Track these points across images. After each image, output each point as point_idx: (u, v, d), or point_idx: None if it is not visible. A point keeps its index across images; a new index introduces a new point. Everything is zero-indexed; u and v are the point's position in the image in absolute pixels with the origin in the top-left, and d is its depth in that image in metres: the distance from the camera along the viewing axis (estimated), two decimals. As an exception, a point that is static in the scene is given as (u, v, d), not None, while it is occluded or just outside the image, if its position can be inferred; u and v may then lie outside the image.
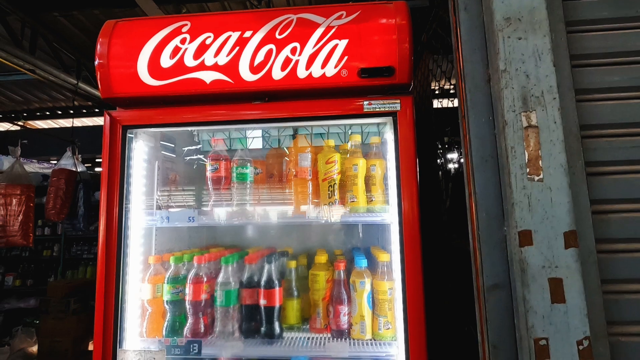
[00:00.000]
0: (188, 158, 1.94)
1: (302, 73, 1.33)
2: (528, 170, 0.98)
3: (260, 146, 1.92)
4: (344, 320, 1.45)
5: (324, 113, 1.35)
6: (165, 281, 1.45)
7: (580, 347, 0.91)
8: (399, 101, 1.33)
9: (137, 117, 1.41)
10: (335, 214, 1.42)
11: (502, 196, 1.03)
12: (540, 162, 0.98)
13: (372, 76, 1.30)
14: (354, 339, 1.42)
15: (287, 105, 1.37)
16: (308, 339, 1.44)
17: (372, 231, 2.06)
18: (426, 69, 2.01)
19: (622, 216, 1.03)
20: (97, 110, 6.47)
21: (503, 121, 1.01)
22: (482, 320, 1.01)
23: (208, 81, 1.35)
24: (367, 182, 1.54)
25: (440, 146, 2.17)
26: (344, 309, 1.46)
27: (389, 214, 1.40)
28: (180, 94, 1.37)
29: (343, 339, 1.41)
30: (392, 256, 1.42)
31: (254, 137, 1.91)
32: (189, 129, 1.51)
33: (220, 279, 1.45)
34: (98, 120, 6.97)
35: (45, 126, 6.91)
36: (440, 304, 1.67)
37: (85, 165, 5.25)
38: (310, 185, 1.52)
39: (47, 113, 6.37)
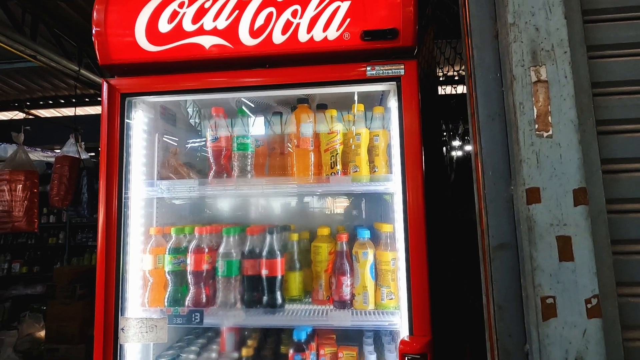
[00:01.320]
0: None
1: (303, 37, 1.29)
2: (537, 126, 0.95)
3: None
4: (346, 291, 1.44)
5: (325, 79, 1.32)
6: (167, 252, 1.44)
7: (589, 306, 0.89)
8: (402, 65, 1.29)
9: (135, 84, 1.39)
10: (337, 183, 1.40)
11: (510, 154, 1.00)
12: (549, 118, 0.95)
13: (375, 39, 1.26)
14: (356, 310, 1.41)
15: (288, 71, 1.34)
16: (310, 309, 1.43)
17: (374, 209, 2.04)
18: (431, 42, 1.96)
19: (633, 175, 0.99)
20: (99, 99, 6.45)
21: (511, 76, 0.97)
22: (487, 281, 0.99)
23: (207, 46, 1.32)
24: (370, 152, 1.51)
25: (444, 124, 2.13)
26: (347, 280, 1.44)
27: (392, 183, 1.37)
28: (179, 60, 1.34)
29: (346, 309, 1.40)
30: (396, 225, 1.40)
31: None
32: (189, 97, 1.49)
33: (221, 249, 1.44)
34: (101, 109, 6.96)
35: (49, 115, 6.92)
36: (444, 278, 1.65)
37: (89, 154, 5.27)
38: (313, 156, 1.49)
39: (50, 102, 6.37)
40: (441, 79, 2.18)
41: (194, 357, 1.53)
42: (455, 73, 2.04)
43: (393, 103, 1.39)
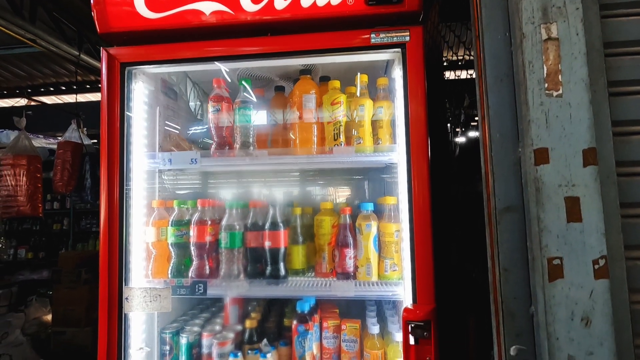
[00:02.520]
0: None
1: (305, 2, 1.26)
2: (546, 85, 0.92)
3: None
4: (349, 263, 1.44)
5: (329, 46, 1.29)
6: (170, 224, 1.44)
7: (596, 267, 0.88)
8: (408, 32, 1.26)
9: (135, 54, 1.36)
10: (340, 154, 1.38)
11: (518, 116, 0.97)
12: (559, 76, 0.92)
13: (380, 3, 1.23)
14: (359, 281, 1.41)
15: (290, 38, 1.31)
16: (314, 281, 1.43)
17: (377, 189, 2.02)
18: (435, 15, 1.91)
19: (645, 138, 0.97)
20: (100, 85, 6.41)
21: (521, 34, 0.94)
22: (492, 245, 0.98)
23: (207, 12, 1.29)
24: (374, 125, 1.49)
25: (448, 102, 2.10)
26: (350, 253, 1.44)
27: (396, 154, 1.35)
28: (178, 27, 1.31)
29: (349, 280, 1.40)
30: (400, 197, 1.39)
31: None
32: (188, 68, 1.46)
33: (224, 221, 1.44)
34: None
35: (50, 102, 6.90)
36: (448, 252, 1.65)
37: (92, 141, 5.26)
38: (315, 129, 1.47)
39: (51, 89, 6.34)
40: (446, 56, 2.14)
41: (198, 329, 1.54)
42: (461, 54, 1.99)
43: (397, 72, 1.36)
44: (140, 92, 1.48)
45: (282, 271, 1.41)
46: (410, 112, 1.27)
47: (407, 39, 1.26)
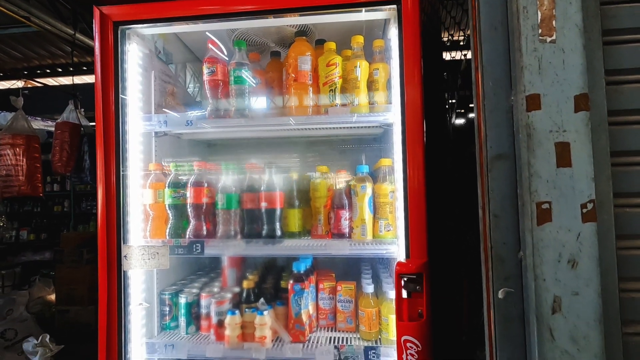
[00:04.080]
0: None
1: (299, -44, 1.24)
2: (540, 31, 0.92)
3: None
4: (344, 224, 1.46)
5: (324, 2, 1.28)
6: (166, 186, 1.45)
7: (584, 210, 0.89)
8: (403, -13, 1.24)
9: (127, 12, 1.35)
10: (336, 115, 1.38)
11: (511, 63, 0.97)
12: (553, 22, 0.92)
13: (375, -44, 1.21)
14: (354, 241, 1.43)
15: (284, -4, 1.29)
16: (310, 242, 1.45)
17: (373, 158, 2.03)
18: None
19: (638, 87, 0.97)
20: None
21: (515, -21, 0.93)
22: (483, 193, 0.99)
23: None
24: (370, 87, 1.48)
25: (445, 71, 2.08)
26: (345, 214, 1.46)
27: (391, 114, 1.35)
28: (171, -17, 1.30)
29: (344, 240, 1.42)
30: (395, 157, 1.39)
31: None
32: (182, 28, 1.44)
33: (221, 183, 1.45)
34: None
35: (47, 85, 6.84)
36: (441, 215, 1.67)
37: (90, 123, 5.24)
38: (311, 91, 1.47)
39: (48, 71, 6.28)
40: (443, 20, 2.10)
41: (197, 291, 1.57)
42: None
43: (393, 32, 1.35)
44: (135, 54, 1.47)
45: (278, 232, 1.43)
46: (405, 71, 1.26)
47: (403, -6, 1.25)
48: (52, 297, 4.90)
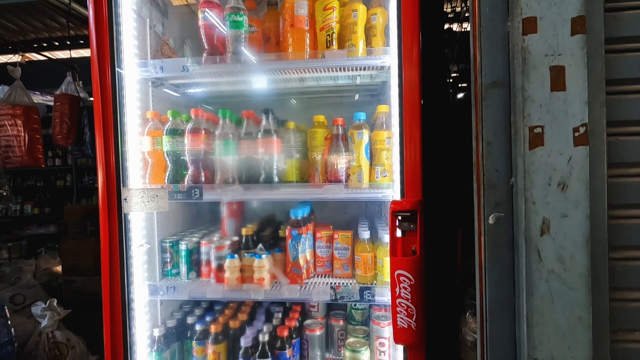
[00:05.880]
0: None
1: None
2: (539, -49, 0.90)
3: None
4: (341, 171, 1.47)
5: (319, -61, 1.24)
6: (164, 133, 1.46)
7: (576, 134, 0.90)
8: None
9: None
10: (333, 58, 1.37)
11: (509, -12, 0.96)
12: (553, -59, 0.90)
13: None
14: (351, 188, 1.44)
15: None
16: (307, 187, 1.47)
17: (373, 109, 2.02)
18: None
19: (636, 13, 0.95)
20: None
21: None
22: (477, 122, 1.00)
23: None
24: (368, 33, 1.46)
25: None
26: (342, 161, 1.47)
27: (389, 57, 1.34)
28: None
29: (340, 184, 1.44)
30: (391, 102, 1.39)
31: None
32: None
33: (218, 130, 1.46)
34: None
35: (44, 59, 6.76)
36: (437, 165, 1.68)
37: (89, 99, 5.20)
38: (308, 37, 1.45)
39: (44, 44, 6.18)
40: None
41: (197, 239, 1.61)
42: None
43: (391, -28, 1.32)
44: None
45: (276, 178, 1.45)
46: (402, 10, 1.24)
47: None
48: (59, 268, 5.01)
